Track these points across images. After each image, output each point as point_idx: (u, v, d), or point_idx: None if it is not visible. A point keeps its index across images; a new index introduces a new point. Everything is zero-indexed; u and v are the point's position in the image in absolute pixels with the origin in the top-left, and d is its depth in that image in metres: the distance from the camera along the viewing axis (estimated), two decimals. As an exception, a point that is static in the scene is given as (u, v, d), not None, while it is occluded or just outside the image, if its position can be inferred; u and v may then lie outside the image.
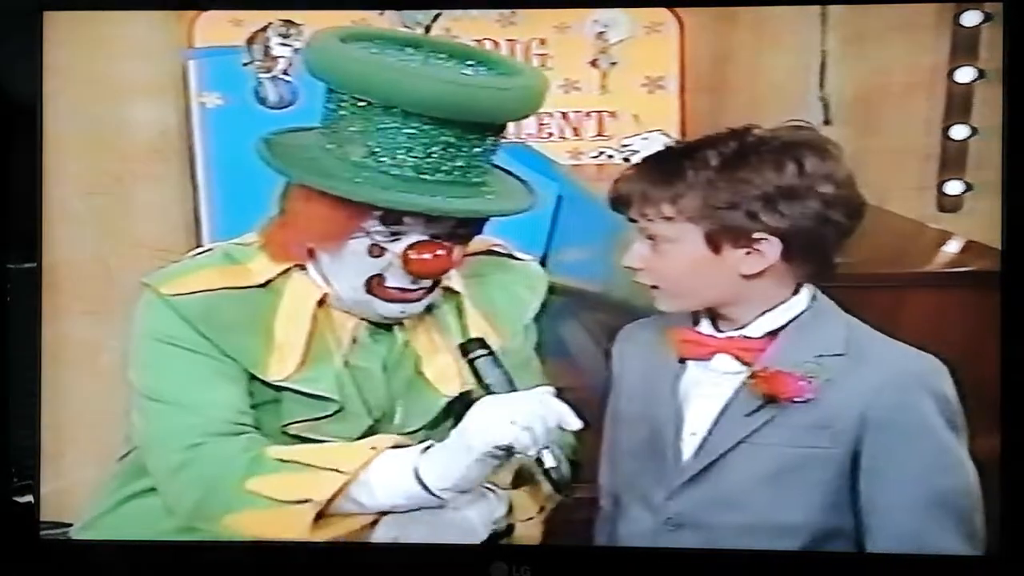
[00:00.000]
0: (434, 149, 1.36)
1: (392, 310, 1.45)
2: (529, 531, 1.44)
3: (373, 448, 1.37)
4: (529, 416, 1.28)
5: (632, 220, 1.40)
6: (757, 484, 1.37)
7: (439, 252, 1.40)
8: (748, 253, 1.36)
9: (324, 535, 1.35)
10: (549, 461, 1.30)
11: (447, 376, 1.50)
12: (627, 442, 1.46)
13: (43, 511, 1.63)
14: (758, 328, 1.40)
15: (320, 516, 1.35)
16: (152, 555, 1.50)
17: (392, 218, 1.38)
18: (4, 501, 1.68)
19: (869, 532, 1.35)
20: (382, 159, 1.36)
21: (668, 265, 1.38)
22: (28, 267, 1.66)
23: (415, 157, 1.36)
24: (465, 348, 1.40)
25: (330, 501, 1.34)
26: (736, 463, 1.37)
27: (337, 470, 1.34)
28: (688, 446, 1.40)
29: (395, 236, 1.40)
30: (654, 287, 1.41)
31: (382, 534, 1.37)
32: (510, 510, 1.41)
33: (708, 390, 1.41)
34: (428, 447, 1.35)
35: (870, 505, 1.35)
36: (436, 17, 1.82)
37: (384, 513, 1.37)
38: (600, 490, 1.49)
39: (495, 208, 1.44)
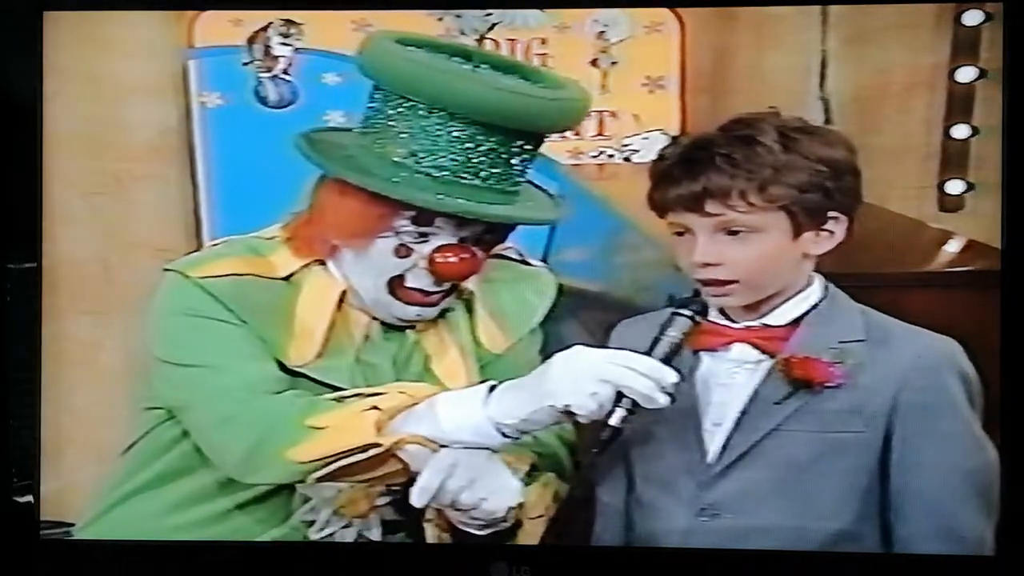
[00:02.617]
0: (475, 153, 1.39)
1: (408, 313, 1.47)
2: (529, 531, 1.44)
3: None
4: (608, 387, 1.28)
5: (709, 215, 1.35)
6: (791, 471, 1.37)
7: (464, 256, 1.42)
8: (818, 235, 1.37)
9: (389, 440, 1.31)
10: (617, 420, 1.30)
11: (456, 373, 1.51)
12: (642, 437, 1.45)
13: (43, 511, 1.63)
14: (780, 317, 1.40)
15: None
16: (152, 555, 1.51)
17: (424, 219, 1.41)
18: (4, 501, 1.68)
19: (899, 513, 1.36)
20: (422, 159, 1.38)
21: (752, 256, 1.36)
22: (28, 267, 1.66)
23: (455, 160, 1.38)
24: (681, 301, 1.37)
25: (394, 416, 1.32)
26: (769, 451, 1.38)
27: (403, 393, 1.35)
28: (713, 436, 1.40)
29: (423, 238, 1.42)
30: (730, 282, 1.37)
31: (428, 476, 1.32)
32: (521, 506, 1.41)
33: (726, 380, 1.41)
34: (496, 384, 1.34)
35: (901, 486, 1.35)
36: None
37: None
38: (600, 487, 1.49)
39: (527, 216, 1.47)
